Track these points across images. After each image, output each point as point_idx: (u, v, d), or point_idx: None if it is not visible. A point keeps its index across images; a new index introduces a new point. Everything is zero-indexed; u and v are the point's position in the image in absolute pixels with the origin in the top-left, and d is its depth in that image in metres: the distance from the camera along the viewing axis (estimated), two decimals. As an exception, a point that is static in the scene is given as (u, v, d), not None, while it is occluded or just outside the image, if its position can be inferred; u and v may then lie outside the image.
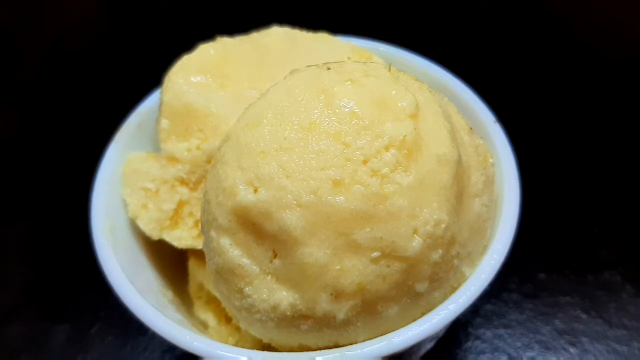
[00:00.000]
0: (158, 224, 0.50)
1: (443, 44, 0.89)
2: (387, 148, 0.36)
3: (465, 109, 0.50)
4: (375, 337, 0.38)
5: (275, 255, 0.37)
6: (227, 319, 0.51)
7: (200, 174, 0.49)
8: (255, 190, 0.36)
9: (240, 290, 0.39)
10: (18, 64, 0.99)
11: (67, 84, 0.94)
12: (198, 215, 0.50)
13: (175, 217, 0.50)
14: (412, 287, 0.37)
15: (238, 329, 0.49)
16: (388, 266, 0.36)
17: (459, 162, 0.38)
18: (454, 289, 0.41)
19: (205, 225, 0.41)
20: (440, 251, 0.37)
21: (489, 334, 0.60)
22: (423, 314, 0.40)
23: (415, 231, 0.36)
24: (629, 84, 0.86)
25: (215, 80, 0.50)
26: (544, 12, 0.98)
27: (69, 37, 1.03)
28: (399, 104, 0.37)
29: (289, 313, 0.37)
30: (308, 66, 0.42)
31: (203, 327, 0.52)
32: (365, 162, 0.35)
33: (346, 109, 0.37)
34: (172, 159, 0.50)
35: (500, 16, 0.99)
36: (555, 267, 0.65)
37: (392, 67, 0.41)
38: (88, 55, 0.99)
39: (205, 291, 0.53)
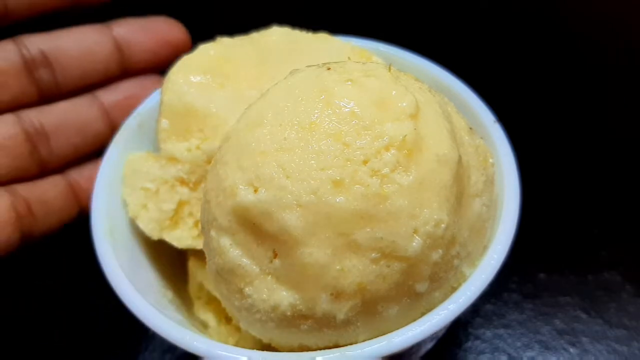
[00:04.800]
0: (158, 224, 0.50)
1: (443, 44, 0.89)
2: (387, 148, 0.36)
3: (465, 109, 0.50)
4: (375, 337, 0.38)
5: (275, 256, 0.37)
6: (227, 319, 0.51)
7: (200, 174, 0.49)
8: (256, 191, 0.36)
9: (241, 291, 0.39)
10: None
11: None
12: (198, 215, 0.49)
13: (175, 217, 0.50)
14: (412, 287, 0.37)
15: (238, 329, 0.49)
16: (388, 266, 0.36)
17: (459, 162, 0.38)
18: (454, 289, 0.41)
19: (205, 225, 0.41)
20: (440, 251, 0.37)
21: (489, 334, 0.60)
22: (423, 314, 0.40)
23: (415, 231, 0.36)
24: (630, 85, 0.85)
25: (215, 80, 0.50)
26: (544, 12, 0.98)
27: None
28: (399, 104, 0.37)
29: (289, 313, 0.37)
30: (308, 66, 0.42)
31: (203, 327, 0.52)
32: (365, 162, 0.35)
33: (346, 109, 0.37)
34: (172, 159, 0.50)
35: (500, 16, 0.99)
36: (555, 267, 0.65)
37: (392, 67, 0.41)
38: (88, 55, 0.99)
39: (205, 291, 0.53)
